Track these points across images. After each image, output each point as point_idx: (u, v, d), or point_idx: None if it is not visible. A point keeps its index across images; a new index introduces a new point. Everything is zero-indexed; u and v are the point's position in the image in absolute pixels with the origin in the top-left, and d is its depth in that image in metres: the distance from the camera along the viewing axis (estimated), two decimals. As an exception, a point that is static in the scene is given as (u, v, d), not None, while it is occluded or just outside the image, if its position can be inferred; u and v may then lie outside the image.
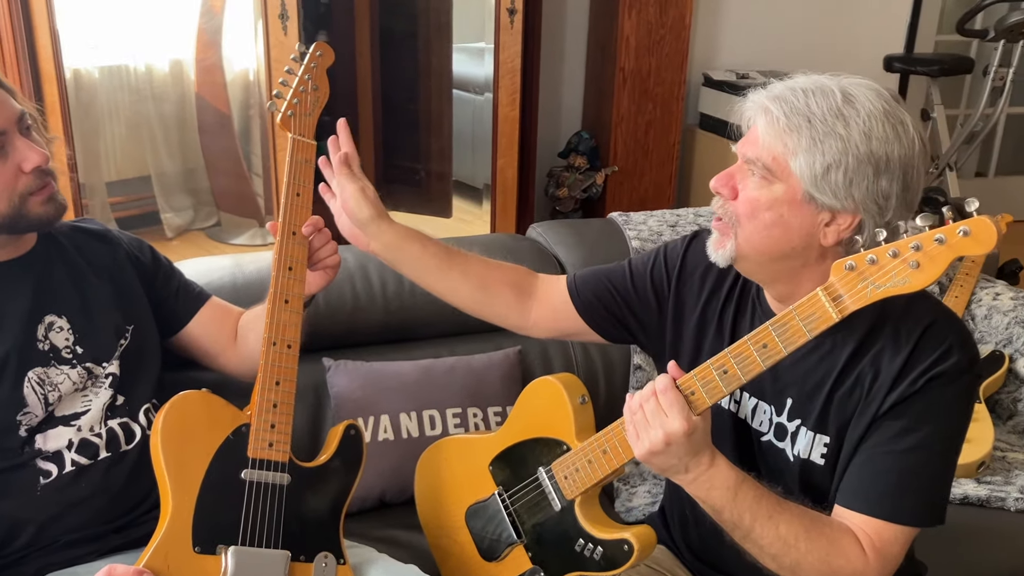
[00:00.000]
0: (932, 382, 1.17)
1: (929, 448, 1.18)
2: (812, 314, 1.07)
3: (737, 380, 1.13)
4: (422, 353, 1.95)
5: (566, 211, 3.94)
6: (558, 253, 2.15)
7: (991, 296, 2.29)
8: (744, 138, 1.21)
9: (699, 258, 1.37)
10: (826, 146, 1.13)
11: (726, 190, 1.21)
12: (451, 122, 3.68)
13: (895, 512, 1.18)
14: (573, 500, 1.33)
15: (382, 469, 1.77)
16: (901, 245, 0.99)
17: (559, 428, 1.36)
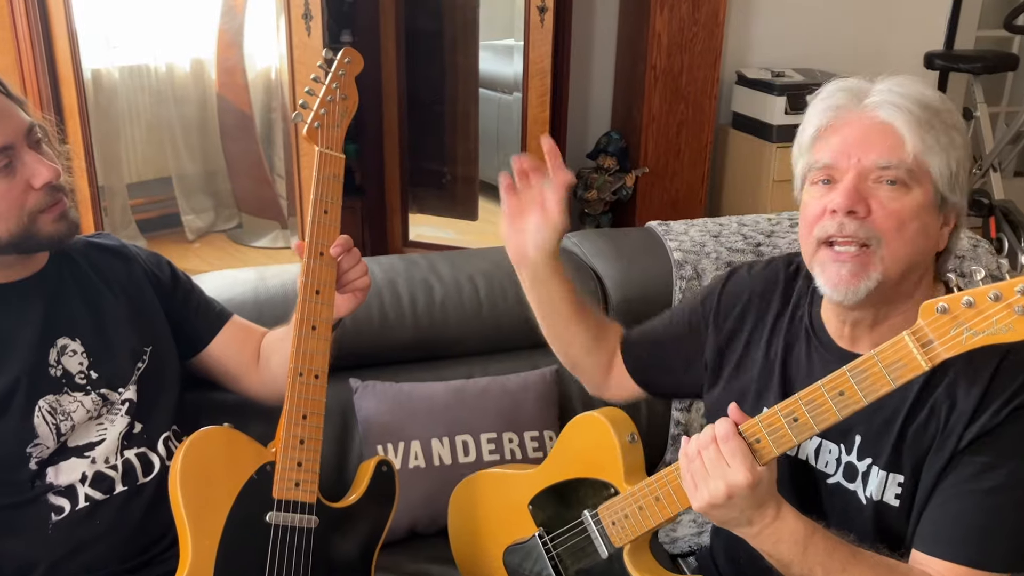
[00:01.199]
0: (1015, 413, 1.06)
1: (1017, 487, 1.07)
2: (897, 361, 0.96)
3: (809, 430, 1.02)
4: (453, 373, 1.85)
5: (595, 214, 3.84)
6: (595, 265, 2.04)
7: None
8: (862, 141, 1.08)
9: (737, 292, 1.32)
10: (956, 142, 1.07)
11: (861, 207, 1.07)
12: (477, 122, 3.60)
13: (982, 558, 1.07)
14: (622, 548, 1.23)
15: (413, 499, 1.68)
16: (1005, 288, 0.88)
17: (606, 469, 1.26)
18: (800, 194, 1.17)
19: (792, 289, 1.29)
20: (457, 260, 1.98)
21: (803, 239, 1.15)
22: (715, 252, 2.03)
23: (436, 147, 3.70)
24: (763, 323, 1.28)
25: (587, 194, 3.81)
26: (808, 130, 1.13)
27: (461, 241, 3.65)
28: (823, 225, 1.09)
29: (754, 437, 1.05)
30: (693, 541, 1.77)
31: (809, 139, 1.13)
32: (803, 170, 1.15)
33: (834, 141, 1.09)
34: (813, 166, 1.11)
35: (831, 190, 1.09)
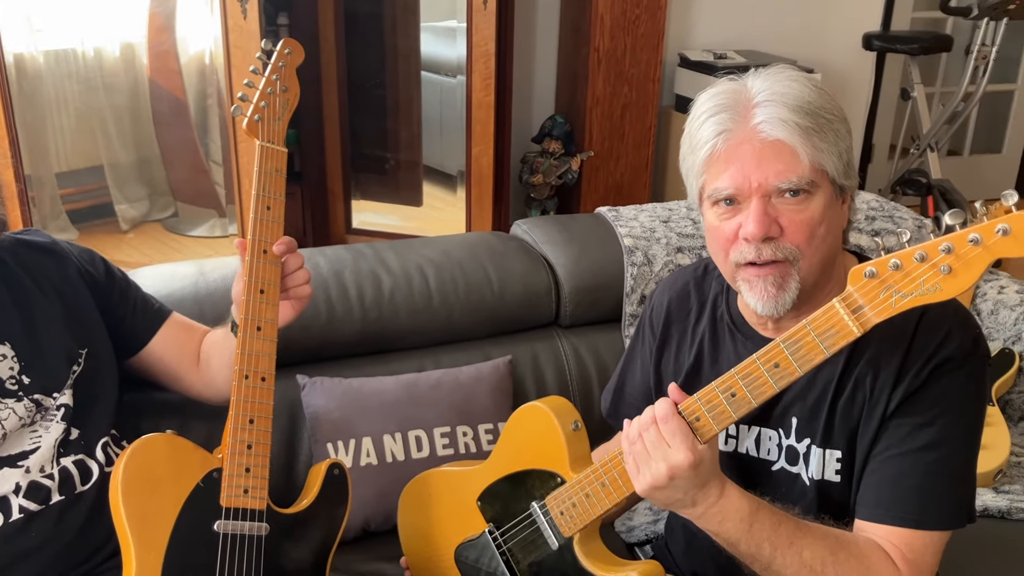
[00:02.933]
0: (937, 371, 1.08)
1: (947, 442, 1.08)
2: (829, 329, 0.95)
3: (747, 404, 1.01)
4: (404, 366, 1.81)
5: (541, 198, 3.81)
6: (546, 252, 2.01)
7: (996, 290, 2.20)
8: (759, 163, 1.06)
9: (658, 307, 1.35)
10: (841, 132, 1.09)
11: (774, 229, 1.07)
12: (420, 107, 3.53)
13: (923, 518, 1.08)
14: (571, 537, 1.21)
15: (365, 496, 1.63)
16: (929, 247, 0.87)
17: (551, 459, 1.24)
18: (698, 205, 1.17)
19: (705, 291, 1.31)
20: (405, 250, 1.93)
21: (719, 259, 1.15)
22: (665, 237, 2.02)
23: (378, 132, 3.63)
24: (686, 329, 1.31)
25: (533, 178, 3.78)
26: (699, 153, 1.11)
27: (406, 228, 3.59)
28: (740, 251, 1.10)
29: (694, 416, 1.04)
30: (650, 529, 1.76)
31: (702, 162, 1.11)
32: (699, 189, 1.14)
33: (731, 168, 1.08)
34: (715, 193, 1.10)
35: (736, 212, 1.09)
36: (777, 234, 1.07)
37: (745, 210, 1.08)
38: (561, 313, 1.97)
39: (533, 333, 1.96)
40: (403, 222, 3.66)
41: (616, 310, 1.97)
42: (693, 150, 1.13)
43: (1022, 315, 2.09)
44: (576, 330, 1.98)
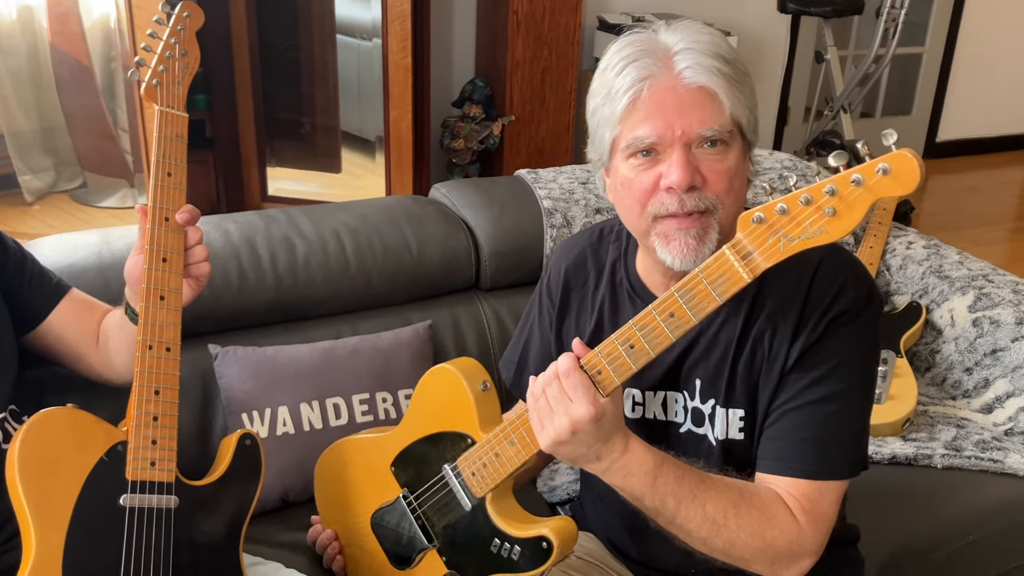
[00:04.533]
0: (833, 323, 1.10)
1: (843, 394, 1.10)
2: (720, 276, 0.95)
3: (646, 355, 1.01)
4: (321, 334, 1.78)
5: (463, 163, 3.78)
6: (465, 216, 1.99)
7: (904, 245, 2.26)
8: (682, 111, 1.05)
9: (556, 274, 1.34)
10: (750, 86, 1.09)
11: (698, 179, 1.06)
12: (336, 70, 3.45)
13: (818, 468, 1.10)
14: (484, 497, 1.21)
15: (283, 466, 1.60)
16: (814, 190, 0.87)
17: (461, 420, 1.23)
18: (607, 158, 1.13)
19: (602, 257, 1.30)
20: (320, 215, 1.89)
21: (632, 214, 1.12)
22: (584, 199, 2.01)
23: (293, 96, 3.54)
24: (585, 296, 1.30)
25: (454, 143, 3.74)
26: (619, 102, 1.08)
27: (325, 195, 3.53)
28: (661, 203, 1.07)
29: (595, 369, 1.04)
30: (571, 489, 1.77)
31: (621, 112, 1.08)
32: (612, 139, 1.11)
33: (654, 115, 1.06)
34: (634, 142, 1.07)
35: (655, 162, 1.07)
36: (700, 184, 1.06)
37: (665, 160, 1.06)
38: (481, 276, 1.95)
39: (453, 297, 1.94)
40: (322, 189, 3.59)
41: (537, 272, 1.96)
42: (610, 100, 1.09)
43: (928, 269, 2.15)
44: (497, 293, 1.97)
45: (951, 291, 2.07)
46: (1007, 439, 1.85)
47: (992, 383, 1.93)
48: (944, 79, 5.22)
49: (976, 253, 2.26)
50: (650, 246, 1.12)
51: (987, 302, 2.00)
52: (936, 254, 2.20)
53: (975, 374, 1.96)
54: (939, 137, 5.32)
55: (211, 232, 1.76)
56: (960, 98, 5.28)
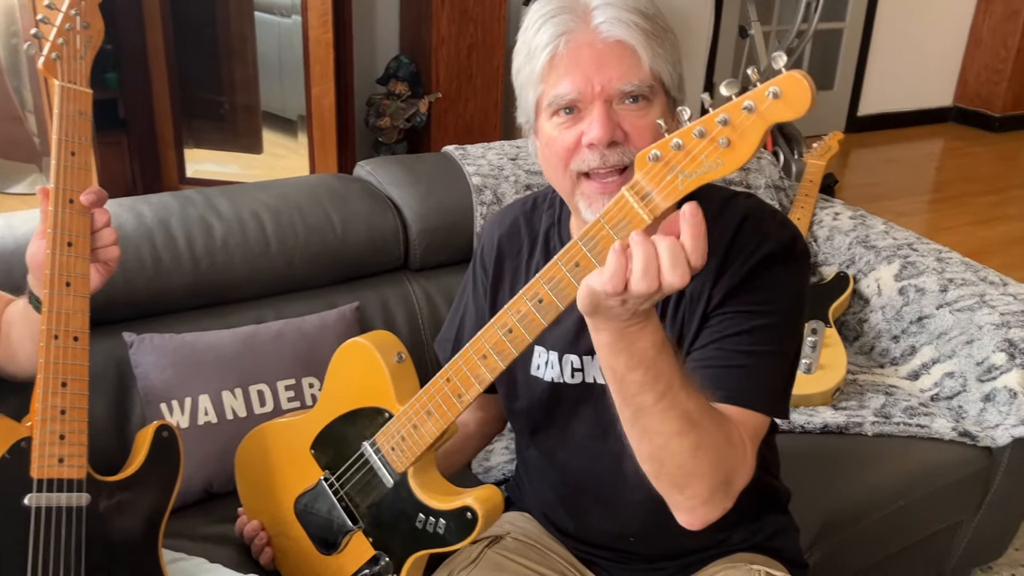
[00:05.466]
0: (757, 267, 1.09)
1: (767, 330, 1.09)
2: (621, 219, 0.91)
3: (554, 309, 0.98)
4: (243, 318, 1.71)
5: (390, 142, 3.70)
6: (392, 194, 1.93)
7: (831, 216, 2.28)
8: (601, 65, 1.04)
9: (489, 245, 1.31)
10: (673, 43, 1.07)
11: (619, 134, 1.04)
12: (255, 47, 3.33)
13: (746, 396, 1.07)
14: (405, 472, 1.17)
15: (205, 457, 1.54)
16: (707, 122, 0.84)
17: (378, 395, 1.19)
18: (533, 120, 1.12)
19: (535, 225, 1.28)
20: (238, 195, 1.81)
21: (557, 173, 1.11)
22: (514, 175, 1.97)
23: (211, 75, 3.41)
24: (519, 265, 1.28)
25: (380, 122, 3.66)
26: (538, 60, 1.07)
27: (246, 176, 3.42)
28: (583, 159, 1.06)
29: (505, 328, 1.01)
30: (507, 468, 1.74)
31: (541, 69, 1.07)
32: (536, 100, 1.10)
33: (573, 71, 1.05)
34: (555, 100, 1.06)
35: (577, 120, 1.06)
36: (621, 139, 1.05)
37: (587, 117, 1.05)
38: (410, 256, 1.90)
39: (381, 278, 1.89)
40: (243, 171, 3.48)
41: (467, 251, 1.92)
42: (531, 58, 1.08)
43: (855, 240, 2.17)
44: (427, 273, 1.92)
45: (877, 261, 2.09)
46: (933, 404, 1.88)
47: (918, 350, 1.95)
48: (864, 54, 5.31)
49: (898, 224, 2.29)
50: (576, 206, 1.11)
51: (912, 271, 2.03)
52: (862, 224, 2.22)
53: (902, 342, 1.99)
54: (860, 111, 5.42)
55: (123, 215, 1.67)
56: (880, 72, 5.38)
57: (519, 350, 1.02)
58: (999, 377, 1.80)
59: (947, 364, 1.89)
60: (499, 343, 1.03)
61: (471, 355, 1.06)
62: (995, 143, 5.45)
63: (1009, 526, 1.99)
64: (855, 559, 1.72)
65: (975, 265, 2.03)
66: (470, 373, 1.07)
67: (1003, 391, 1.79)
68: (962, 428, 1.79)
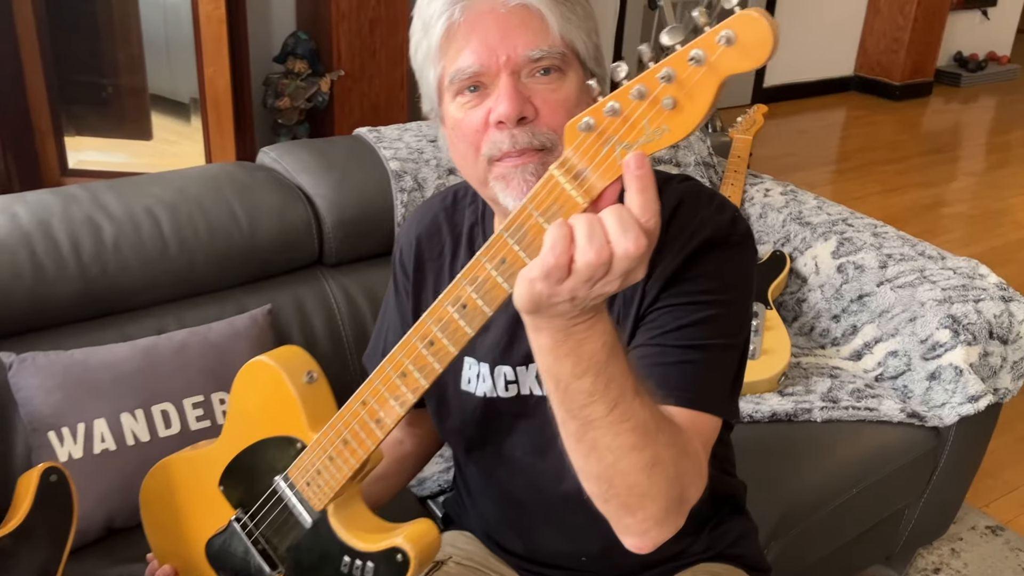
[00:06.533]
0: (693, 255, 0.97)
1: (709, 323, 0.96)
2: (552, 204, 0.75)
3: (481, 315, 0.83)
4: (141, 329, 1.52)
5: (290, 124, 3.49)
6: (302, 183, 1.76)
7: (762, 193, 2.21)
8: (505, 34, 0.91)
9: (408, 247, 1.19)
10: (588, 11, 0.96)
11: (528, 110, 0.92)
12: (139, 24, 3.08)
13: (696, 397, 0.95)
14: (325, 510, 1.02)
15: (105, 490, 1.36)
16: (647, 79, 0.68)
17: (287, 422, 1.03)
18: (437, 103, 0.99)
19: (458, 222, 1.16)
20: (129, 190, 1.61)
21: (468, 162, 0.98)
22: (435, 159, 1.83)
23: (91, 55, 3.14)
24: (441, 266, 1.15)
25: (279, 103, 3.45)
26: (434, 32, 0.94)
27: (136, 165, 3.17)
28: (492, 141, 0.93)
29: (425, 340, 0.87)
30: (442, 479, 1.61)
31: (438, 43, 0.94)
32: (437, 80, 0.97)
33: (473, 41, 0.92)
34: (457, 76, 0.93)
35: (484, 97, 0.93)
36: (532, 115, 0.92)
37: (494, 93, 0.92)
38: (325, 250, 1.74)
39: (295, 276, 1.72)
40: (133, 159, 3.23)
41: (387, 243, 1.77)
42: (426, 31, 0.95)
43: (789, 217, 2.11)
44: (345, 268, 1.76)
45: (813, 238, 2.03)
46: (878, 385, 1.82)
47: (860, 329, 1.90)
48: (768, 25, 5.31)
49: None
50: (492, 196, 0.97)
51: (849, 247, 1.97)
52: (794, 200, 2.16)
53: (843, 321, 1.93)
54: (767, 82, 5.44)
55: (-7, 216, 1.46)
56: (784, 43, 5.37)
57: (443, 365, 0.87)
58: (944, 355, 1.76)
59: (890, 343, 1.84)
60: (419, 358, 0.88)
61: (388, 373, 0.91)
62: (896, 111, 5.55)
63: (953, 504, 1.97)
64: (809, 552, 1.66)
65: (912, 240, 1.98)
66: (388, 394, 0.92)
67: (948, 368, 1.75)
68: (910, 409, 1.74)
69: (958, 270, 1.88)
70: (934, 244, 1.99)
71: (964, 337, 1.74)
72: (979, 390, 1.72)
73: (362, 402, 0.94)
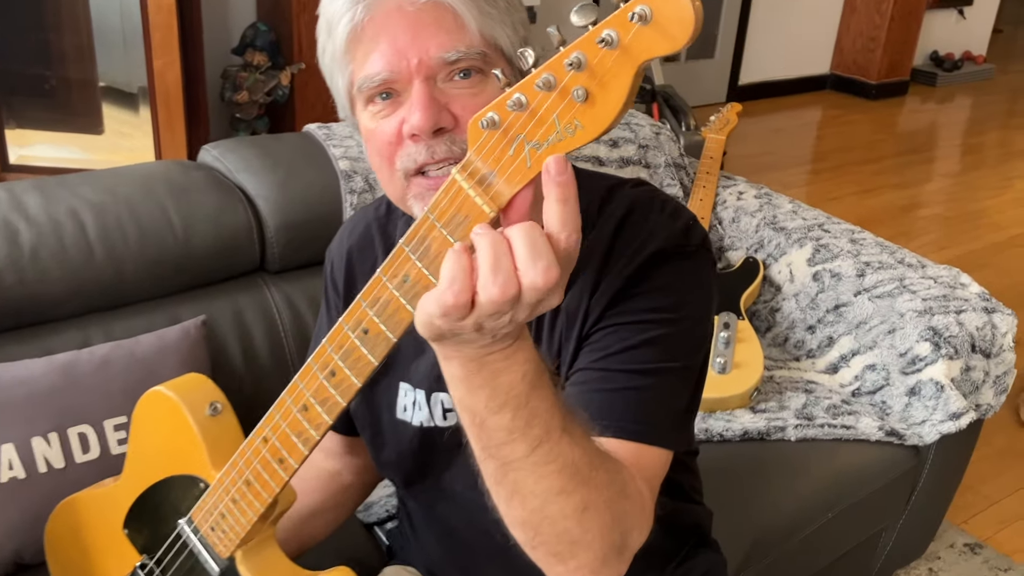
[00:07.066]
0: (641, 269, 0.87)
1: (661, 342, 0.86)
2: (456, 214, 0.65)
3: (385, 341, 0.72)
4: (61, 342, 1.40)
5: (249, 118, 3.36)
6: (243, 183, 1.64)
7: (735, 196, 2.11)
8: (415, 34, 0.80)
9: (338, 260, 1.10)
10: (507, 4, 0.85)
11: (446, 118, 0.81)
12: (88, 13, 2.93)
13: (645, 430, 0.84)
14: (232, 557, 0.92)
15: (14, 521, 1.24)
16: (554, 66, 0.59)
17: (189, 459, 0.93)
18: (350, 112, 0.90)
19: (391, 233, 1.06)
20: (53, 190, 1.49)
21: (383, 175, 0.88)
22: (388, 158, 1.71)
23: (35, 44, 2.98)
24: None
25: (237, 96, 3.31)
26: (338, 35, 0.84)
27: (87, 161, 3.03)
28: (408, 154, 0.83)
29: (326, 370, 0.77)
30: (390, 504, 1.50)
31: (343, 46, 0.84)
32: (347, 87, 0.87)
33: (380, 44, 0.82)
34: (365, 83, 0.83)
35: (397, 105, 0.84)
36: (451, 124, 0.82)
37: (408, 101, 0.82)
38: (268, 256, 1.62)
39: (234, 284, 1.60)
40: (84, 154, 3.08)
41: (335, 247, 1.65)
42: (331, 34, 0.85)
43: (763, 221, 2.01)
44: (289, 275, 1.64)
45: (788, 244, 1.94)
46: (855, 400, 1.73)
47: (836, 341, 1.81)
48: (744, 21, 5.23)
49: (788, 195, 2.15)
50: (412, 214, 0.87)
51: (826, 254, 1.88)
52: (768, 204, 2.06)
53: (818, 332, 1.84)
54: (742, 80, 5.36)
55: None
56: (760, 41, 5.32)
57: (347, 399, 0.77)
58: (924, 369, 1.67)
59: (868, 356, 1.75)
60: (320, 390, 0.78)
61: (289, 406, 0.81)
62: (872, 110, 5.49)
63: (932, 523, 1.88)
64: (783, 580, 1.57)
65: (891, 246, 1.89)
66: (290, 431, 0.81)
67: (929, 384, 1.66)
68: (888, 427, 1.65)
69: (939, 279, 1.79)
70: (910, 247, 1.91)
71: (945, 351, 1.65)
72: (961, 407, 1.63)
73: (263, 439, 0.84)
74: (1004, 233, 3.86)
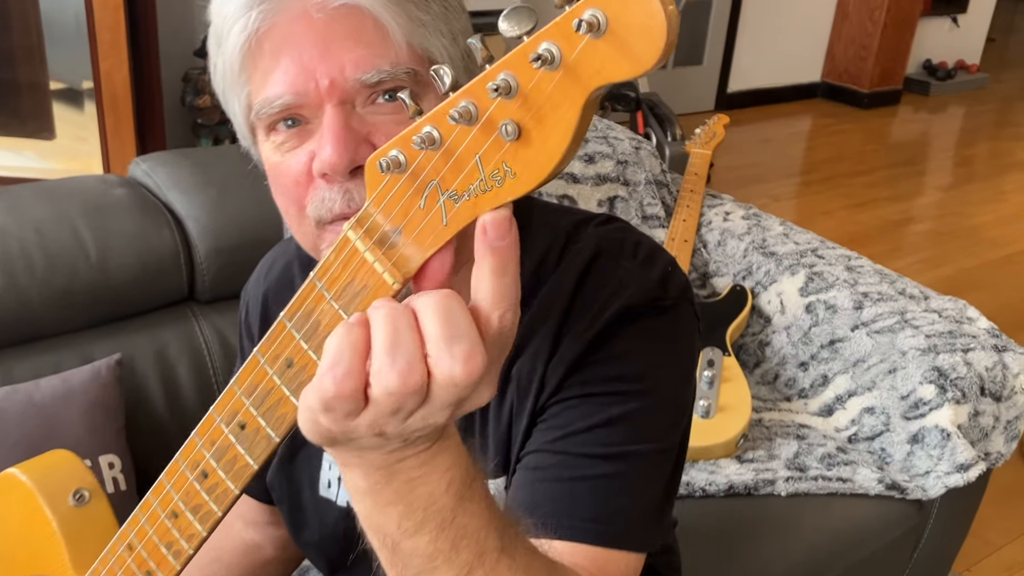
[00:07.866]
0: (608, 329, 0.71)
1: (630, 420, 0.70)
2: (351, 283, 0.50)
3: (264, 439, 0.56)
4: (-51, 387, 1.23)
5: (211, 123, 3.19)
6: (172, 201, 1.47)
7: (721, 217, 1.95)
8: (325, 49, 0.64)
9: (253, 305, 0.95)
10: (450, 5, 0.70)
11: (366, 152, 0.63)
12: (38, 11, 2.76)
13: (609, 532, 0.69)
14: None
15: None
16: (475, 91, 0.44)
17: (47, 558, 0.77)
18: (250, 140, 0.73)
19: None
20: (-51, 210, 1.32)
21: (291, 219, 0.72)
22: (336, 174, 1.54)
23: (-24, 44, 2.82)
24: None
25: (199, 100, 3.14)
26: (229, 48, 0.67)
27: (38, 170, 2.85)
28: (320, 200, 0.67)
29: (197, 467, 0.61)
30: None
31: (238, 62, 0.67)
32: (244, 111, 0.71)
33: (283, 60, 0.66)
34: (263, 109, 0.67)
35: (306, 135, 0.67)
36: None
37: (318, 130, 0.65)
38: (197, 285, 1.45)
39: (158, 316, 1.43)
40: (36, 162, 2.91)
41: (276, 274, 1.48)
42: (221, 46, 0.68)
43: (751, 245, 1.85)
44: (220, 306, 1.47)
45: (779, 271, 1.77)
46: (852, 448, 1.57)
47: (831, 380, 1.64)
48: (733, 27, 5.09)
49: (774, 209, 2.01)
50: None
51: (820, 283, 1.71)
52: (757, 226, 1.90)
53: (812, 370, 1.68)
54: (730, 87, 5.21)
55: None
56: (749, 47, 5.18)
57: (223, 507, 0.61)
58: (928, 414, 1.51)
59: (866, 397, 1.59)
60: (192, 494, 0.62)
61: (156, 510, 0.65)
62: (864, 120, 5.35)
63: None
64: (771, 653, 1.40)
65: (891, 275, 1.73)
66: (159, 540, 0.65)
67: (933, 431, 1.49)
68: (888, 479, 1.49)
69: (944, 312, 1.63)
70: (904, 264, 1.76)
71: (952, 394, 1.49)
72: (969, 458, 1.47)
73: (127, 546, 0.68)
74: (1000, 251, 3.72)
